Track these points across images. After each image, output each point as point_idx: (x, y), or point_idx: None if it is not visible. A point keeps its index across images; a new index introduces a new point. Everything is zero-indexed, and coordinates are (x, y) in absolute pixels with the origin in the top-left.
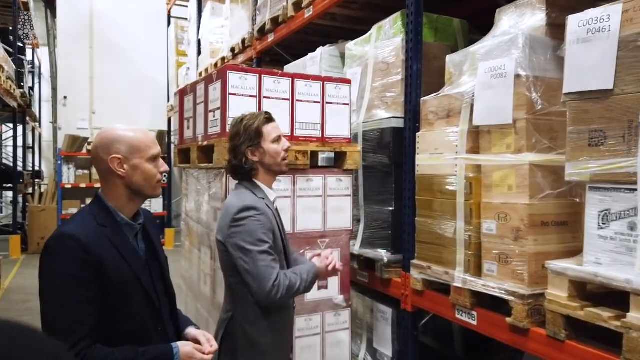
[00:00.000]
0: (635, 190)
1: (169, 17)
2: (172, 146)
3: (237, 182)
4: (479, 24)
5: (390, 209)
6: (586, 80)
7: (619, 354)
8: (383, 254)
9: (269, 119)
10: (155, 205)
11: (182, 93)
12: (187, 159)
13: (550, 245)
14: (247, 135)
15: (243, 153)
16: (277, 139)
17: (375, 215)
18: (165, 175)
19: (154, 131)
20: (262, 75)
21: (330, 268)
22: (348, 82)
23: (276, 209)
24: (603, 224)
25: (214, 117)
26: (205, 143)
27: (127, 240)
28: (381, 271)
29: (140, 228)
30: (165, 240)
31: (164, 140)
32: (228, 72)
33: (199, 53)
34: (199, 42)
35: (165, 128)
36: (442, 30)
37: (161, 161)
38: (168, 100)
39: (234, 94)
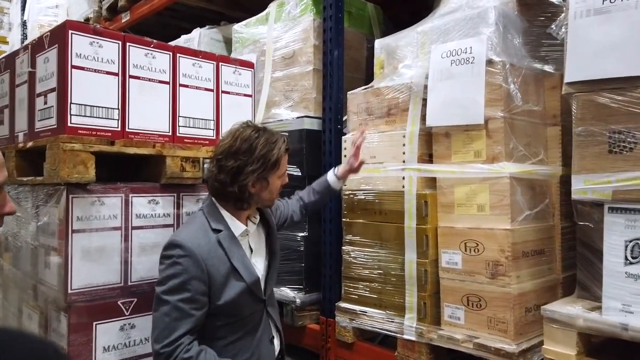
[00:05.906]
0: None
1: None
2: None
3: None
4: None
5: (303, 234)
6: (603, 65)
7: None
8: (295, 295)
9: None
10: None
11: None
12: None
13: (529, 282)
14: (262, 161)
15: (247, 182)
16: (284, 174)
17: (281, 242)
18: None
19: None
20: (128, 43)
21: None
22: (250, 65)
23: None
24: (633, 257)
25: (46, 103)
26: (30, 144)
27: None
28: (292, 317)
29: None
30: None
31: None
32: (70, 32)
33: (25, 38)
34: (24, 24)
35: None
36: (356, 15)
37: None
38: None
39: (81, 68)
